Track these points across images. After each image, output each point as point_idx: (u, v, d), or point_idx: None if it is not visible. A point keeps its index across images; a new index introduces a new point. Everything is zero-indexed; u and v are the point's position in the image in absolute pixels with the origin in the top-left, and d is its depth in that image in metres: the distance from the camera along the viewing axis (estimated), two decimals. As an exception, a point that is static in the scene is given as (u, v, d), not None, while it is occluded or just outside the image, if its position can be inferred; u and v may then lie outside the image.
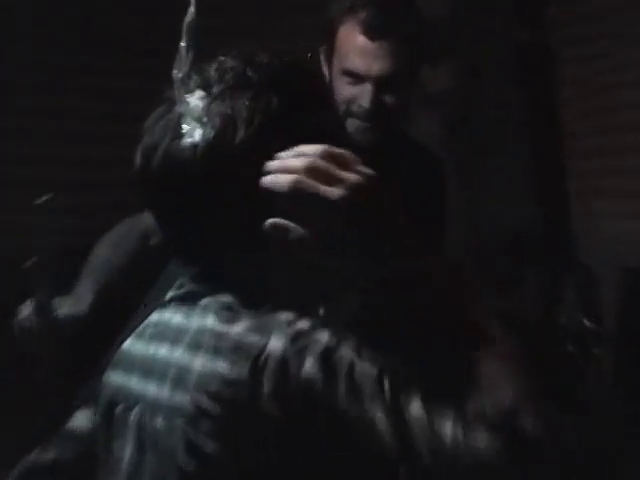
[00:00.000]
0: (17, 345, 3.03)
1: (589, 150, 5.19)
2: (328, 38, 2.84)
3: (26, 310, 2.94)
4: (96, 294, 3.14)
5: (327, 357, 1.58)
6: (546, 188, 5.37)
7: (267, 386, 1.57)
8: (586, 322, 4.60)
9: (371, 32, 2.81)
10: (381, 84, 2.70)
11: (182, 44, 1.84)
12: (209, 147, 1.64)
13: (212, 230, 1.75)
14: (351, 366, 1.59)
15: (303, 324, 1.63)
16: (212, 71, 1.74)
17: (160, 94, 1.73)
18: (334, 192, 1.43)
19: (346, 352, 1.60)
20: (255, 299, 1.73)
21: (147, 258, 3.27)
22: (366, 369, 1.57)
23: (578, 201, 5.26)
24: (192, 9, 1.82)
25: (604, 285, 4.85)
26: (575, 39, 5.16)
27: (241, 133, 1.66)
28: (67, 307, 3.07)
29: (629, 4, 4.77)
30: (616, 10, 4.83)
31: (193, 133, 1.67)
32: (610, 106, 4.96)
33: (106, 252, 3.31)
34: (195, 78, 1.71)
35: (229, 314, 1.71)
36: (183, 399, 1.67)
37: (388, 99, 2.76)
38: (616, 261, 4.82)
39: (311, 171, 1.51)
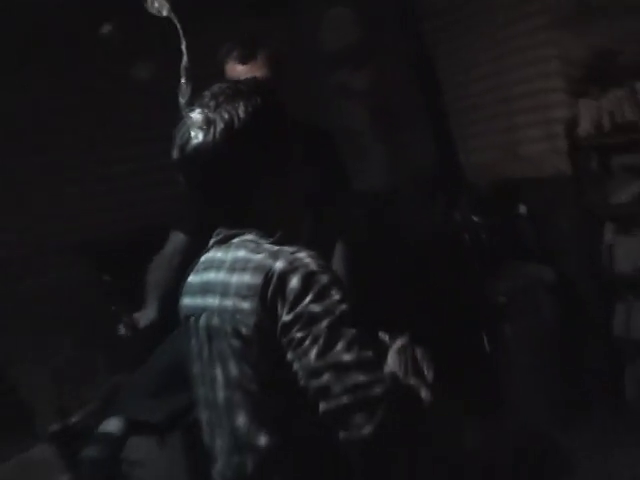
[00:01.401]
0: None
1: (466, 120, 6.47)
2: (223, 74, 3.70)
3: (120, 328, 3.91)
4: (158, 304, 4.02)
5: (308, 277, 2.11)
6: (444, 145, 6.60)
7: (270, 290, 2.12)
8: (475, 218, 5.83)
9: (240, 59, 3.73)
10: None
11: (182, 81, 2.59)
12: (193, 140, 2.29)
13: (232, 193, 2.37)
14: (323, 287, 2.10)
15: (299, 254, 2.18)
16: (205, 97, 2.36)
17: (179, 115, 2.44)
18: None
19: (323, 278, 2.11)
20: (268, 238, 2.32)
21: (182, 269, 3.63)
22: (335, 300, 2.07)
23: (461, 153, 6.55)
24: (185, 58, 2.56)
25: (484, 192, 6.16)
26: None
27: (220, 131, 2.24)
28: (143, 320, 3.95)
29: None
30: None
31: (197, 135, 2.29)
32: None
33: (157, 272, 4.18)
34: (194, 102, 2.41)
35: (253, 246, 2.29)
36: (227, 303, 2.27)
37: None
38: (489, 175, 6.22)
39: None
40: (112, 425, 3.65)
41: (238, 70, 3.66)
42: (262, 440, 2.20)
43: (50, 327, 5.09)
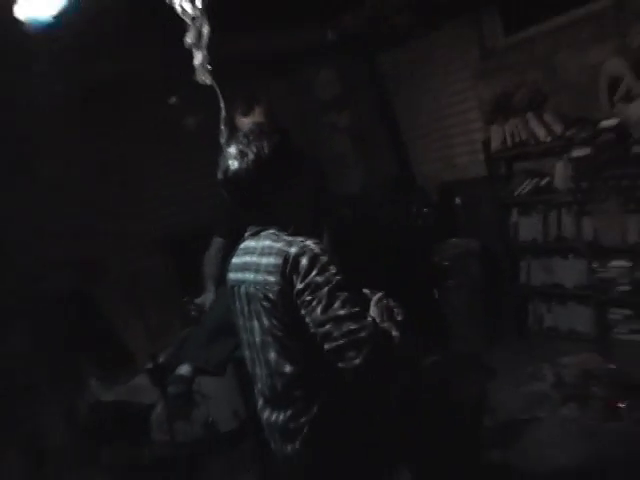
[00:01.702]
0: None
1: (416, 143, 6.44)
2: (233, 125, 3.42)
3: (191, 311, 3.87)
4: (214, 286, 3.91)
5: (313, 258, 2.16)
6: (402, 160, 6.53)
7: (288, 268, 2.17)
8: (425, 209, 5.89)
9: (242, 113, 3.56)
10: None
11: (222, 127, 2.55)
12: (231, 166, 2.30)
13: (260, 204, 2.37)
14: (323, 265, 2.14)
15: (307, 242, 2.22)
16: (239, 136, 2.36)
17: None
18: None
19: (323, 258, 2.16)
20: (285, 231, 2.34)
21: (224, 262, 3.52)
22: (332, 273, 2.12)
23: (414, 165, 6.51)
24: (223, 112, 2.53)
25: (430, 191, 6.22)
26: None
27: (251, 160, 2.27)
28: (207, 303, 3.86)
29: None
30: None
31: (234, 163, 2.30)
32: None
33: (208, 266, 4.04)
34: (231, 140, 2.39)
35: (275, 237, 2.33)
36: (259, 277, 2.31)
37: None
38: (434, 179, 6.25)
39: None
40: (182, 369, 3.68)
41: (242, 121, 3.57)
42: (287, 368, 2.26)
43: (141, 301, 4.99)
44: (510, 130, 5.17)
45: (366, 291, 2.45)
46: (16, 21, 3.22)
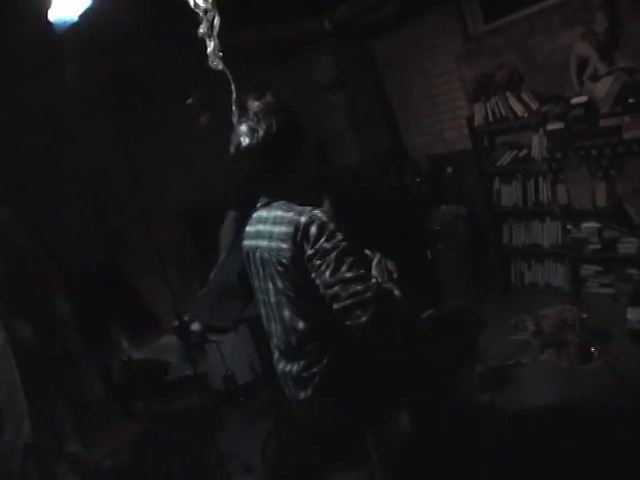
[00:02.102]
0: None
1: (408, 118, 6.43)
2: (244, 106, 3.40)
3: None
4: (225, 254, 4.07)
5: (322, 225, 2.17)
6: (395, 135, 6.53)
7: (299, 235, 2.18)
8: (417, 179, 5.91)
9: (255, 97, 3.64)
10: None
11: (233, 108, 2.56)
12: (242, 142, 2.31)
13: (270, 176, 2.38)
14: (331, 231, 2.16)
15: (315, 211, 2.23)
16: (250, 114, 2.37)
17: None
18: None
19: (331, 225, 2.17)
20: (295, 201, 2.34)
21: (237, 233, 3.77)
22: (339, 239, 2.15)
23: (406, 139, 6.50)
24: (234, 94, 2.54)
25: (421, 163, 6.22)
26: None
27: (261, 136, 2.29)
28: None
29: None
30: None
31: (245, 140, 2.31)
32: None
33: (223, 238, 4.19)
34: (242, 119, 2.39)
35: (285, 207, 2.33)
36: (272, 244, 2.31)
37: None
38: (424, 152, 6.25)
39: None
40: (194, 326, 3.84)
41: (254, 104, 3.63)
42: (300, 324, 2.34)
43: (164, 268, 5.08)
44: (491, 107, 5.23)
45: (367, 252, 2.55)
46: (48, 22, 3.33)
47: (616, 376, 3.56)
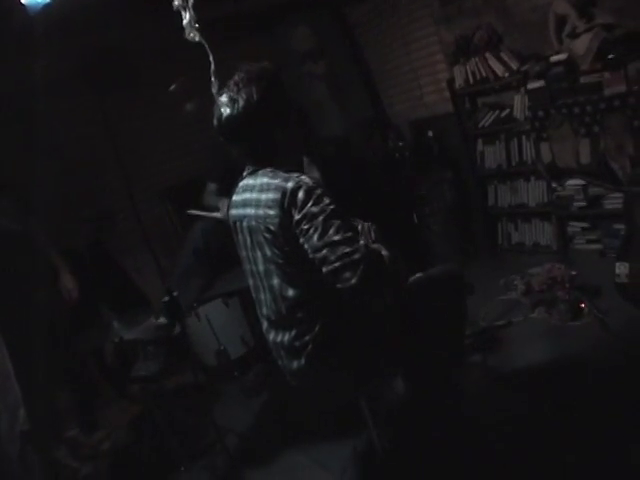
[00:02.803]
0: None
1: (388, 83, 6.36)
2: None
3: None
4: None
5: (309, 190, 2.18)
6: (376, 101, 6.47)
7: (286, 201, 2.18)
8: (399, 143, 5.77)
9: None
10: None
11: (212, 79, 2.39)
12: (225, 113, 2.30)
13: (255, 145, 2.39)
14: (318, 196, 2.16)
15: (302, 177, 2.24)
16: (230, 82, 2.33)
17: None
18: None
19: (317, 190, 2.18)
20: (281, 168, 2.34)
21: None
22: (326, 203, 2.16)
23: (387, 105, 6.47)
24: (213, 65, 2.37)
25: (404, 128, 6.17)
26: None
27: (242, 106, 2.27)
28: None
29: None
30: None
31: (227, 110, 2.29)
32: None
33: (207, 198, 4.30)
34: (222, 89, 2.34)
35: (272, 174, 2.33)
36: (260, 212, 2.30)
37: None
38: (406, 117, 6.21)
39: None
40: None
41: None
42: (290, 292, 2.35)
43: (150, 247, 5.14)
44: (471, 69, 5.19)
45: (354, 219, 2.52)
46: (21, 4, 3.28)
47: (607, 331, 3.58)
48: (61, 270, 3.96)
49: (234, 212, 2.53)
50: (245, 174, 2.49)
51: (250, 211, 2.37)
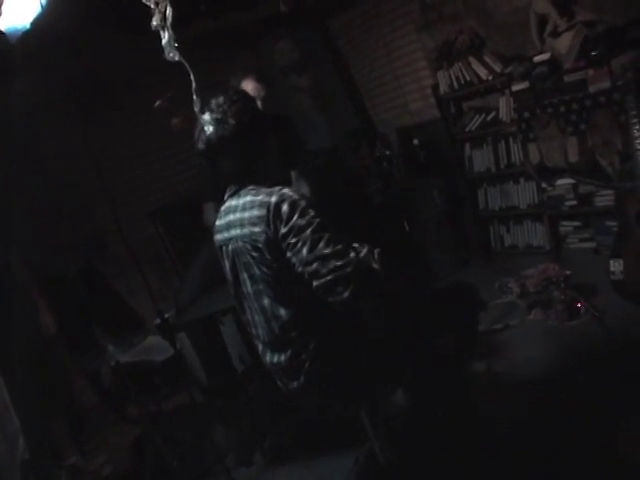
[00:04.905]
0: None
1: (373, 93, 6.39)
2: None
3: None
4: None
5: (293, 203, 2.15)
6: (361, 111, 6.51)
7: (271, 216, 2.15)
8: (387, 152, 5.75)
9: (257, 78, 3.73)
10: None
11: (194, 97, 2.38)
12: (212, 135, 2.28)
13: (236, 163, 2.35)
14: (303, 208, 2.14)
15: (284, 190, 2.22)
16: (212, 104, 2.31)
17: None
18: None
19: (302, 202, 2.16)
20: (263, 185, 2.32)
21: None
22: (312, 215, 2.13)
23: (373, 115, 6.48)
24: (194, 84, 2.36)
25: (391, 136, 6.17)
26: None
27: (223, 127, 2.26)
28: None
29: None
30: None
31: (208, 131, 2.29)
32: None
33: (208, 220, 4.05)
34: (205, 109, 2.32)
35: (254, 192, 2.31)
36: (245, 230, 2.27)
37: None
38: (393, 125, 6.22)
39: None
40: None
41: (251, 85, 3.66)
42: (281, 311, 2.30)
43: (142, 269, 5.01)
44: (455, 74, 5.21)
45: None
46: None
47: (605, 329, 3.56)
48: (40, 304, 3.95)
49: (219, 237, 2.49)
50: (227, 196, 2.48)
51: (235, 232, 2.34)
